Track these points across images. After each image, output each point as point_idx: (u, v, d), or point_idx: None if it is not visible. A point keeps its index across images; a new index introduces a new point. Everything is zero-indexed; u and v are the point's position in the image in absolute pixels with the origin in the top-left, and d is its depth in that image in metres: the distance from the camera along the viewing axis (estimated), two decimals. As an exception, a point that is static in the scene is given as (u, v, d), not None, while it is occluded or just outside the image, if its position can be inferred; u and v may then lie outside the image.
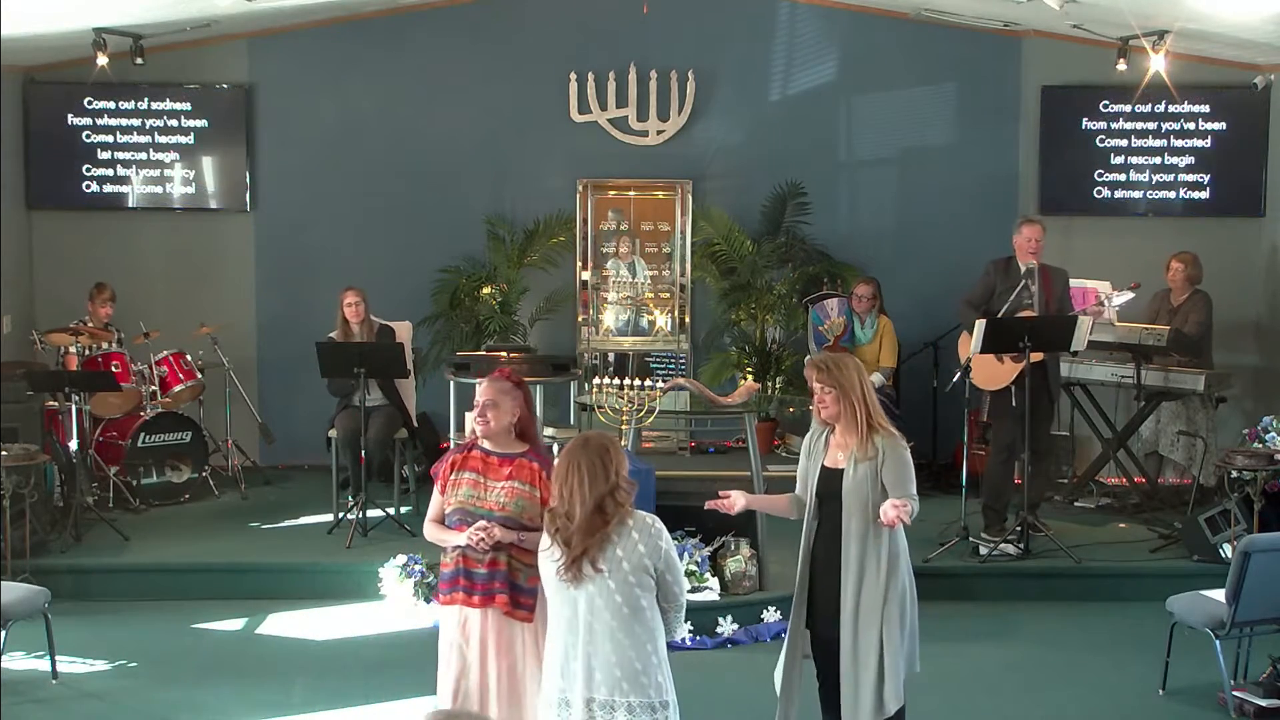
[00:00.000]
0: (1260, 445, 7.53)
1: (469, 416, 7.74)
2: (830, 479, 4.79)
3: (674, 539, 4.80)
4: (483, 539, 4.41)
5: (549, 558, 4.04)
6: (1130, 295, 8.57)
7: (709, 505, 4.91)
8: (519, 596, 4.50)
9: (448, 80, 10.14)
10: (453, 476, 4.60)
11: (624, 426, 6.86)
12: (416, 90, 10.14)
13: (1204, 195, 10.06)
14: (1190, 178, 10.06)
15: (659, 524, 4.06)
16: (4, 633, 6.00)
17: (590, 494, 3.94)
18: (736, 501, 4.82)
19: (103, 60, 8.84)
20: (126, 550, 7.93)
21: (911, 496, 4.68)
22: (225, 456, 9.61)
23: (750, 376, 9.67)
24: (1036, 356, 7.65)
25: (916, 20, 9.93)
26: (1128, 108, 9.96)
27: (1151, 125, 10.02)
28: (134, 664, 6.62)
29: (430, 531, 4.70)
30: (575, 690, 3.98)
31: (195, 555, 7.91)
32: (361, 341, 8.58)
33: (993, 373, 7.93)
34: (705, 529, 7.08)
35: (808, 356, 9.35)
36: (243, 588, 7.60)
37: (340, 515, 8.36)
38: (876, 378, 9.22)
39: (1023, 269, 7.90)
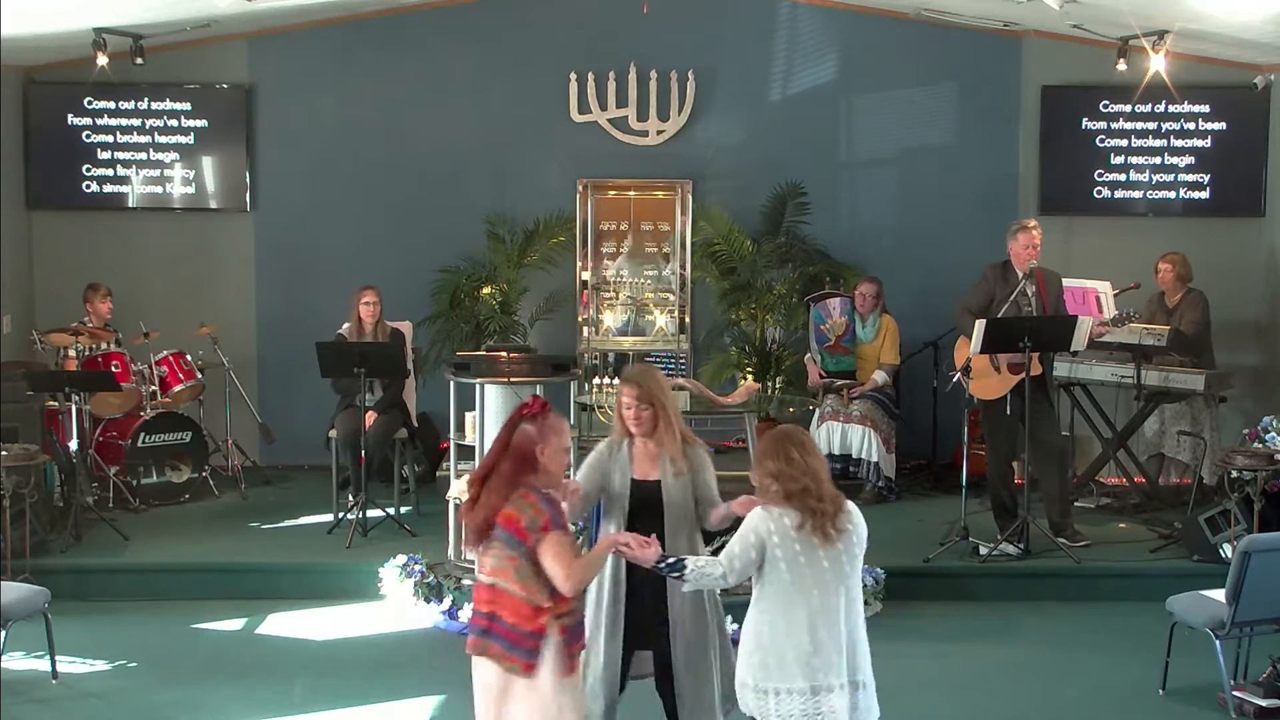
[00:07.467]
0: (1260, 445, 7.52)
1: (469, 417, 7.80)
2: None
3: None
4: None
5: (789, 528, 4.14)
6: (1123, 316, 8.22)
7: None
8: None
9: (448, 80, 10.13)
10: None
11: (624, 426, 6.83)
12: (416, 90, 10.14)
13: (1204, 195, 10.05)
14: (1190, 178, 10.05)
15: None
16: (4, 633, 6.00)
17: (825, 472, 4.24)
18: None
19: (103, 60, 8.83)
20: (126, 550, 7.93)
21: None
22: (225, 456, 9.61)
23: (750, 376, 9.66)
24: (1035, 370, 7.60)
25: (916, 20, 9.93)
26: (1128, 108, 9.95)
27: (1151, 125, 10.01)
28: (134, 664, 6.61)
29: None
30: (837, 675, 4.14)
31: (195, 555, 7.91)
32: (360, 342, 8.58)
33: (987, 383, 7.89)
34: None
35: (807, 356, 9.48)
36: (243, 588, 7.60)
37: (340, 515, 8.36)
38: (879, 375, 9.20)
39: (1020, 273, 7.86)
